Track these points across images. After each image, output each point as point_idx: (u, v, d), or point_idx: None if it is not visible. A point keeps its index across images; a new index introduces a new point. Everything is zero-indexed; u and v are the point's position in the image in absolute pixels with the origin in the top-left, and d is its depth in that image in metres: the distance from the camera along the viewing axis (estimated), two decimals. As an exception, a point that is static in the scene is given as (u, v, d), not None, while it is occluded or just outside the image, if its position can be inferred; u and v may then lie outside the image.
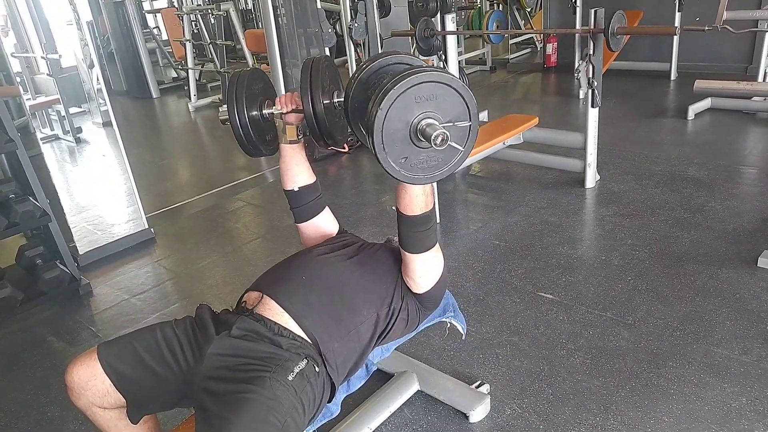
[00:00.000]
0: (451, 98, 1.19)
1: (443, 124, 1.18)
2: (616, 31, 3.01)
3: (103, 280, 3.12)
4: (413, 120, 1.18)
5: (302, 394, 1.30)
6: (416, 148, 1.21)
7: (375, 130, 1.17)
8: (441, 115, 1.19)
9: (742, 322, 2.20)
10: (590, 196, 3.47)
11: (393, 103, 1.16)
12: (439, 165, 1.25)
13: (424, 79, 1.16)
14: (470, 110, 1.21)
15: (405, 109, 1.17)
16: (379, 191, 3.98)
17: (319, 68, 1.51)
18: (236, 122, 1.57)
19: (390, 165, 1.22)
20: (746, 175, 3.59)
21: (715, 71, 5.51)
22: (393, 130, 1.18)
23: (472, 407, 1.88)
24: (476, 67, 7.56)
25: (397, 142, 1.20)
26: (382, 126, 1.17)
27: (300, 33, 4.69)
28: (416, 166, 1.24)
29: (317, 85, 1.48)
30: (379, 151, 1.19)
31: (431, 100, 1.18)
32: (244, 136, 1.59)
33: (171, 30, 8.36)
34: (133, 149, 5.02)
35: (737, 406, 1.82)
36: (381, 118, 1.16)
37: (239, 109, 1.56)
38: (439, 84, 1.17)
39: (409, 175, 1.25)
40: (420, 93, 1.17)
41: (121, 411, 1.42)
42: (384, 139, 1.18)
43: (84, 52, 3.38)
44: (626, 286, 2.52)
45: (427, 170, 1.25)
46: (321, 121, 1.49)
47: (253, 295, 1.49)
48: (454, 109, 1.20)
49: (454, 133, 1.20)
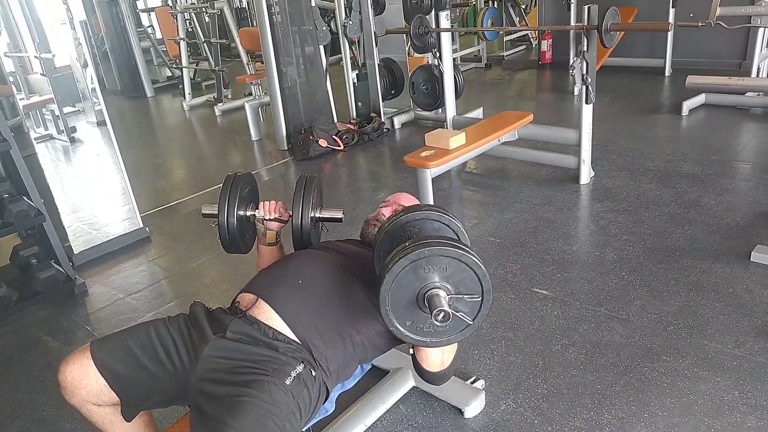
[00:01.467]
0: (464, 273, 1.20)
1: (451, 296, 1.19)
2: (610, 27, 3.03)
3: (98, 280, 3.12)
4: (421, 287, 1.19)
5: (299, 398, 1.30)
6: (422, 314, 1.22)
7: (382, 292, 1.19)
8: (451, 286, 1.20)
9: (735, 316, 2.22)
10: (585, 192, 3.48)
11: (403, 269, 1.17)
12: (447, 332, 1.25)
13: (438, 253, 1.17)
14: (483, 286, 1.21)
15: (414, 275, 1.19)
16: (374, 188, 3.98)
17: (311, 187, 1.73)
18: (224, 224, 1.70)
19: (395, 326, 1.23)
20: (740, 170, 3.61)
21: (710, 67, 5.53)
22: (400, 295, 1.20)
23: (467, 403, 1.89)
24: (471, 64, 7.57)
25: (403, 305, 1.22)
26: (389, 289, 1.19)
27: (294, 31, 4.69)
28: (422, 330, 1.25)
29: (308, 203, 1.70)
30: (384, 313, 1.21)
31: (443, 272, 1.19)
32: (230, 236, 1.72)
33: (165, 29, 8.34)
34: (127, 148, 5.01)
35: (729, 399, 1.84)
36: (389, 283, 1.18)
37: (230, 211, 1.70)
38: (453, 260, 1.18)
39: (414, 337, 1.26)
40: (432, 264, 1.18)
41: (115, 408, 1.42)
42: (390, 301, 1.20)
43: (78, 52, 3.36)
44: (620, 281, 2.53)
45: (434, 335, 1.26)
46: (305, 234, 1.71)
47: (247, 297, 1.49)
48: (467, 282, 1.21)
49: (464, 306, 1.21)
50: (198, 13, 7.22)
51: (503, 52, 7.89)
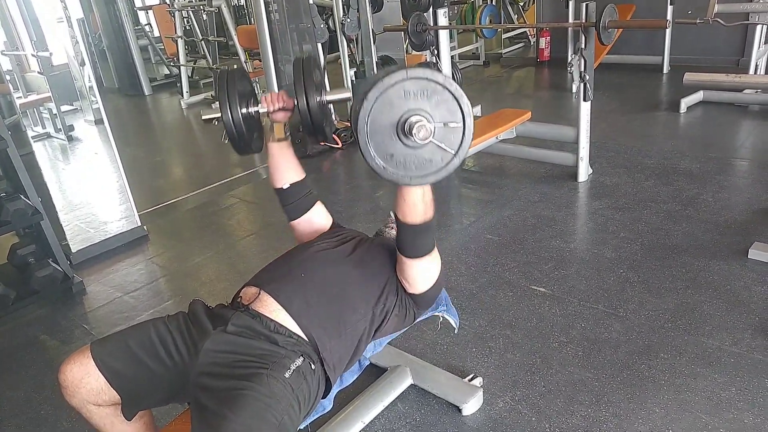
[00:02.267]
0: (443, 98, 1.15)
1: (435, 124, 1.14)
2: (608, 24, 3.02)
3: (96, 278, 3.12)
4: (401, 115, 1.15)
5: (298, 391, 1.30)
6: (403, 146, 1.17)
7: (360, 121, 1.14)
8: (432, 116, 1.15)
9: (733, 313, 2.22)
10: (583, 190, 3.48)
11: (381, 94, 1.12)
12: (429, 167, 1.20)
13: (415, 75, 1.13)
14: (464, 112, 1.16)
15: (394, 103, 1.14)
16: (373, 186, 3.98)
17: (311, 66, 1.52)
18: (229, 120, 1.55)
19: (374, 160, 1.18)
20: (738, 167, 3.61)
21: (708, 64, 5.53)
22: (379, 124, 1.15)
23: (465, 400, 1.89)
24: (469, 61, 7.56)
25: (383, 136, 1.16)
26: (367, 118, 1.13)
27: (292, 29, 4.68)
28: (402, 164, 1.19)
29: (311, 83, 1.49)
30: (363, 144, 1.15)
31: (422, 98, 1.14)
32: (238, 133, 1.58)
33: (163, 27, 8.32)
34: (125, 147, 5.01)
35: (727, 396, 1.84)
36: (367, 109, 1.13)
37: (232, 107, 1.55)
38: (430, 81, 1.14)
39: (395, 173, 1.20)
40: (411, 88, 1.13)
41: (115, 408, 1.42)
42: (369, 131, 1.15)
43: (75, 50, 3.36)
44: (618, 278, 2.53)
45: (415, 171, 1.20)
46: (315, 117, 1.50)
47: (250, 290, 1.49)
48: (447, 110, 1.16)
49: (446, 136, 1.16)
50: (196, 11, 7.22)
51: (501, 49, 7.88)
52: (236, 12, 10.28)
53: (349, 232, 1.76)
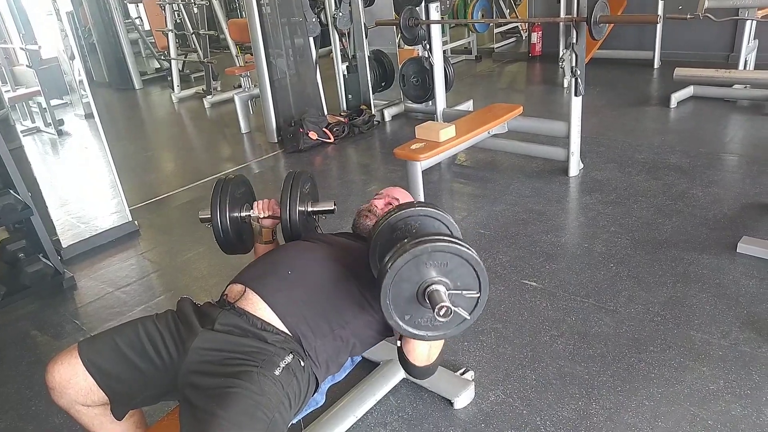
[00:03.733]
0: (463, 269, 1.23)
1: (451, 291, 1.22)
2: (599, 19, 3.03)
3: (87, 274, 3.10)
4: (422, 282, 1.22)
5: (288, 388, 1.31)
6: (421, 308, 1.25)
7: (383, 286, 1.22)
8: (450, 282, 1.23)
9: (721, 306, 2.25)
10: (574, 185, 3.49)
11: (405, 264, 1.20)
12: (443, 326, 1.29)
13: (440, 249, 1.20)
14: (481, 282, 1.25)
15: (416, 269, 1.22)
16: (365, 181, 3.98)
17: (299, 182, 1.75)
18: (218, 225, 1.74)
19: (395, 320, 1.26)
20: (727, 162, 3.64)
21: (698, 59, 5.56)
22: (401, 289, 1.23)
23: (456, 394, 1.90)
24: (462, 56, 7.56)
25: (403, 299, 1.24)
26: (390, 283, 1.22)
27: (284, 22, 4.66)
28: (420, 324, 1.28)
29: (295, 198, 1.71)
30: (385, 308, 1.24)
31: (443, 267, 1.22)
32: (224, 237, 1.77)
33: (153, 20, 8.26)
34: (116, 141, 4.98)
35: (715, 388, 1.86)
36: (391, 276, 1.21)
37: (222, 214, 1.74)
38: (454, 255, 1.21)
39: (412, 331, 1.29)
40: (433, 259, 1.21)
41: (104, 408, 1.41)
42: (391, 295, 1.23)
43: (65, 43, 3.32)
44: (608, 272, 2.55)
45: (431, 329, 1.29)
46: (294, 228, 1.72)
47: (236, 288, 1.49)
48: (465, 278, 1.24)
49: (462, 301, 1.24)
50: (186, 5, 7.16)
51: (493, 44, 7.88)
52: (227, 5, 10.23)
53: (338, 234, 1.81)
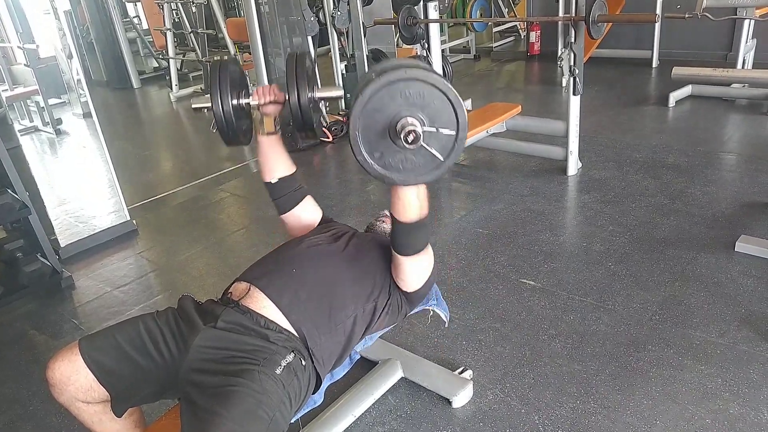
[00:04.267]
0: (440, 104, 1.13)
1: (425, 129, 1.13)
2: (597, 18, 3.03)
3: (85, 273, 3.10)
4: (394, 115, 1.13)
5: (289, 387, 1.30)
6: (394, 146, 1.16)
7: (353, 115, 1.12)
8: (426, 118, 1.13)
9: (719, 305, 2.25)
10: (572, 184, 3.50)
11: (378, 91, 1.11)
12: (417, 170, 1.19)
13: (414, 76, 1.10)
14: (459, 121, 1.14)
15: (389, 102, 1.12)
16: (363, 180, 3.98)
17: (304, 62, 1.53)
18: (219, 111, 1.56)
19: (363, 156, 1.17)
20: (725, 161, 3.64)
21: (696, 59, 5.56)
22: (372, 121, 1.13)
23: (455, 393, 1.91)
24: (460, 55, 7.56)
25: (374, 132, 1.15)
26: (360, 112, 1.12)
27: (282, 21, 4.65)
28: (392, 165, 1.18)
29: (303, 79, 1.50)
30: (353, 138, 1.14)
31: (419, 100, 1.12)
32: (227, 124, 1.58)
33: (151, 19, 8.24)
34: (114, 140, 4.98)
35: (713, 387, 1.87)
36: (361, 103, 1.11)
37: (223, 97, 1.55)
38: (429, 85, 1.11)
39: (381, 171, 1.19)
40: (408, 89, 1.11)
41: (105, 405, 1.41)
42: (361, 127, 1.14)
43: (62, 42, 3.32)
44: (607, 271, 2.55)
45: (403, 172, 1.19)
46: (305, 113, 1.51)
47: (240, 286, 1.49)
48: (442, 115, 1.14)
49: (438, 142, 1.15)
50: (185, 3, 7.15)
51: (492, 43, 7.88)
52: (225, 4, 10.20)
53: (341, 227, 1.76)
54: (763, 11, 4.45)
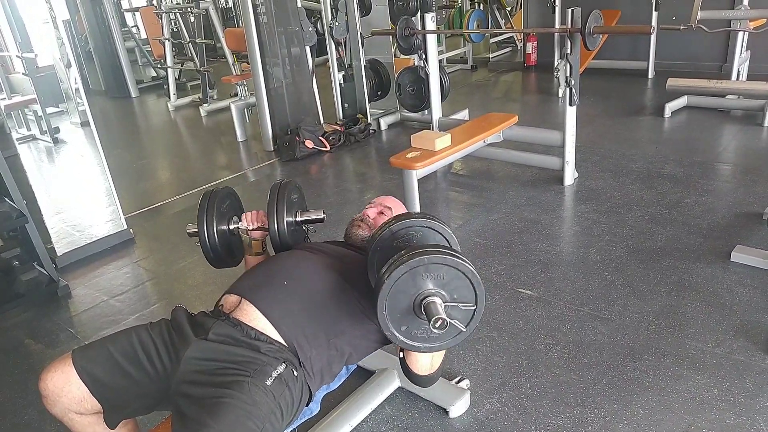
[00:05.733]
0: (459, 281, 1.23)
1: (447, 303, 1.22)
2: (593, 30, 3.06)
3: (81, 282, 3.09)
4: (418, 294, 1.22)
5: (280, 398, 1.30)
6: (417, 320, 1.25)
7: (380, 299, 1.22)
8: (447, 294, 1.23)
9: (715, 315, 2.26)
10: (569, 194, 3.51)
11: (402, 276, 1.21)
12: (440, 338, 1.28)
13: (436, 261, 1.21)
14: (477, 295, 1.25)
15: (412, 281, 1.22)
16: (360, 190, 3.99)
17: (285, 191, 1.73)
18: (206, 240, 1.73)
19: (392, 332, 1.26)
20: (721, 171, 3.66)
21: (692, 70, 5.61)
22: (397, 300, 1.23)
23: (452, 402, 1.90)
24: (457, 65, 7.60)
25: (399, 311, 1.24)
26: (386, 295, 1.22)
27: (280, 31, 4.68)
28: (416, 335, 1.28)
29: (282, 208, 1.70)
30: (381, 319, 1.24)
31: (440, 279, 1.23)
32: (213, 252, 1.76)
33: (150, 28, 8.28)
34: (111, 149, 4.98)
35: (709, 396, 1.87)
36: (387, 288, 1.21)
37: (209, 228, 1.73)
38: (450, 268, 1.22)
39: (408, 343, 1.28)
40: (429, 271, 1.22)
41: (98, 416, 1.41)
42: (387, 307, 1.23)
43: (61, 51, 3.33)
44: (603, 281, 2.56)
45: (427, 341, 1.29)
46: (283, 238, 1.70)
47: (231, 299, 1.49)
48: (462, 290, 1.24)
49: (458, 313, 1.25)
50: (183, 13, 7.18)
51: (489, 54, 7.93)
52: (224, 14, 10.26)
53: (331, 243, 1.80)
54: (757, 23, 4.51)
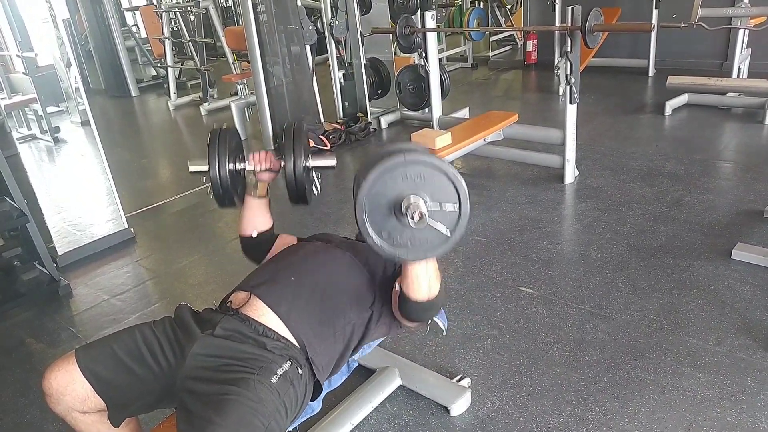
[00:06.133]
0: (441, 181, 1.18)
1: (429, 206, 1.18)
2: (593, 28, 3.05)
3: (82, 281, 3.09)
4: (397, 196, 1.18)
5: (285, 396, 1.30)
6: (399, 225, 1.21)
7: (359, 202, 1.18)
8: (429, 195, 1.19)
9: (716, 313, 2.26)
10: (569, 192, 3.51)
11: (380, 176, 1.16)
12: (423, 246, 1.23)
13: (413, 160, 1.17)
14: (460, 196, 1.19)
15: (392, 185, 1.17)
16: (361, 188, 3.98)
17: (301, 132, 1.64)
18: (216, 177, 1.66)
19: (371, 236, 1.21)
20: (721, 169, 3.66)
21: (693, 67, 5.59)
22: (377, 204, 1.19)
23: (453, 401, 1.90)
24: (457, 64, 7.59)
25: (380, 215, 1.20)
26: (365, 197, 1.17)
27: (280, 30, 4.67)
28: (401, 243, 1.22)
29: (300, 149, 1.60)
30: (361, 223, 1.19)
31: (420, 181, 1.18)
32: (224, 191, 1.68)
33: (150, 27, 8.27)
34: (112, 148, 4.97)
35: (710, 394, 1.87)
36: (365, 189, 1.17)
37: (221, 166, 1.65)
38: (430, 168, 1.17)
39: (390, 250, 1.22)
40: (407, 171, 1.17)
41: (101, 415, 1.41)
42: (367, 210, 1.19)
43: (61, 51, 3.33)
44: (604, 279, 2.56)
45: (411, 250, 1.23)
46: (300, 182, 1.61)
47: (240, 295, 1.49)
48: (443, 192, 1.19)
49: (442, 218, 1.20)
50: (183, 12, 7.17)
51: (489, 52, 7.92)
52: (224, 13, 10.25)
53: (334, 237, 1.78)
54: (757, 21, 4.50)
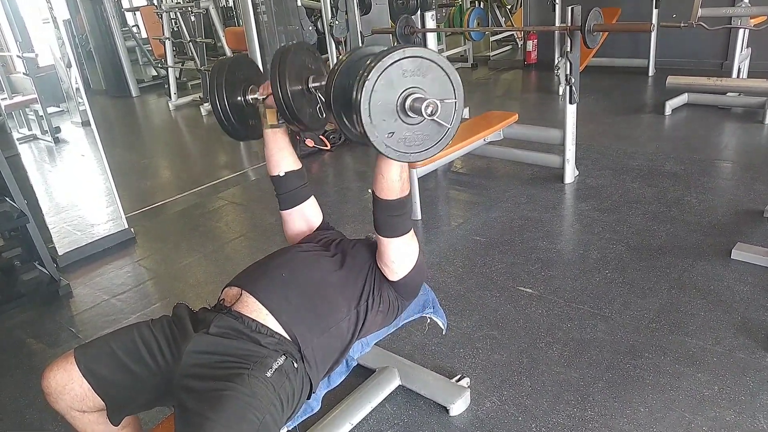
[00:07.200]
0: (436, 76, 1.20)
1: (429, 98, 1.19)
2: (593, 28, 3.05)
3: (82, 281, 3.10)
4: (401, 94, 1.19)
5: (280, 390, 1.31)
6: (403, 124, 1.21)
7: (362, 102, 1.17)
8: (428, 92, 1.20)
9: (716, 313, 2.26)
10: (569, 192, 3.51)
11: (381, 74, 1.16)
12: (426, 142, 1.26)
13: (410, 54, 1.17)
14: (455, 88, 1.22)
15: (393, 82, 1.18)
16: (361, 188, 3.99)
17: (289, 53, 1.51)
18: (217, 107, 1.64)
19: (377, 139, 1.21)
20: (721, 169, 3.66)
21: (693, 67, 5.60)
22: (380, 104, 1.18)
23: (452, 401, 1.91)
24: (457, 64, 7.59)
25: (384, 115, 1.20)
26: (369, 98, 1.16)
27: (280, 30, 4.68)
28: (402, 142, 1.24)
29: (285, 70, 1.50)
30: (367, 124, 1.18)
31: (418, 75, 1.19)
32: (224, 118, 1.66)
33: (150, 28, 8.28)
34: (112, 149, 4.99)
35: (710, 394, 1.87)
36: (369, 89, 1.15)
37: (219, 95, 1.63)
38: (425, 60, 1.18)
39: (396, 152, 1.24)
40: (407, 67, 1.18)
41: (100, 413, 1.41)
42: (371, 112, 1.18)
43: (61, 51, 3.33)
44: (603, 279, 2.56)
45: (413, 147, 1.25)
46: (288, 104, 1.50)
47: (231, 291, 1.50)
48: (440, 87, 1.21)
49: (442, 111, 1.21)
50: (183, 13, 7.17)
51: (489, 52, 7.93)
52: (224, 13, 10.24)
53: (332, 234, 1.79)
54: (758, 21, 4.50)
